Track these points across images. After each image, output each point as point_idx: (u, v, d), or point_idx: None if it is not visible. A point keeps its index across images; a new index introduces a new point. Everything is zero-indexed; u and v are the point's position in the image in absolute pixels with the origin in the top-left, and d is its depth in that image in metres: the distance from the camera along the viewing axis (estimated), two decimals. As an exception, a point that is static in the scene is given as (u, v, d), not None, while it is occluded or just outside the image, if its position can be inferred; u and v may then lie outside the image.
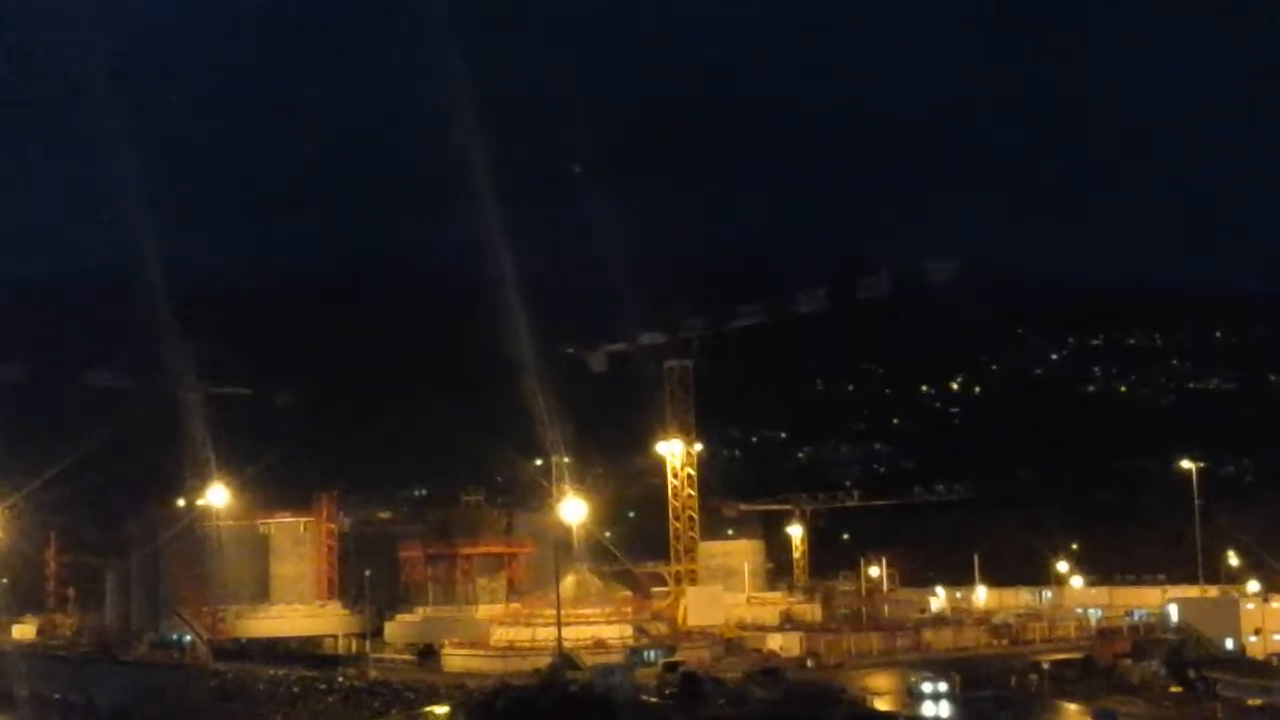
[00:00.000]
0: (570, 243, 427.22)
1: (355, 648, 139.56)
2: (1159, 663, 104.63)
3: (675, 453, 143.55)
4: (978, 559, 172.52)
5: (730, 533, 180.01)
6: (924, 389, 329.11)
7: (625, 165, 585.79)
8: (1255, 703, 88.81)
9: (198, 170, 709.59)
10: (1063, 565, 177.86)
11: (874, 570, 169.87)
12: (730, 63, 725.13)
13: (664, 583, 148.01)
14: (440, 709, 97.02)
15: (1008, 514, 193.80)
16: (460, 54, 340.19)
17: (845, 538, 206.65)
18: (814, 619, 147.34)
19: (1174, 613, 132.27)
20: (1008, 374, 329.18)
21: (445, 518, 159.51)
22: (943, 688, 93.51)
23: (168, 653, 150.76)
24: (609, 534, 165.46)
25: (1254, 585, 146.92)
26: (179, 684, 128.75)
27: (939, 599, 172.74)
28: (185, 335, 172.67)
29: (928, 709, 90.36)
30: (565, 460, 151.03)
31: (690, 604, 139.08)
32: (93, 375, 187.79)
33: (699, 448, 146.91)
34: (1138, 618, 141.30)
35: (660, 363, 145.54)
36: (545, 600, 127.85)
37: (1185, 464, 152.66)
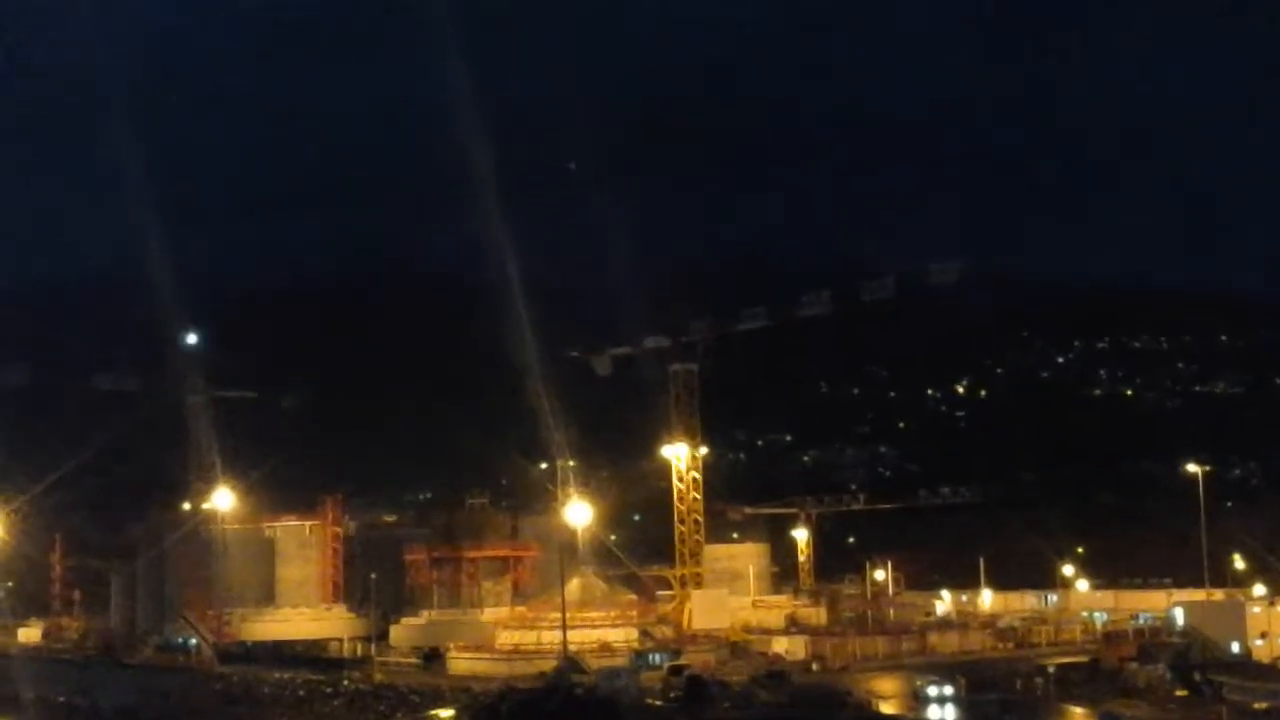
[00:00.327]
0: (574, 245, 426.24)
1: (360, 651, 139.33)
2: (1165, 666, 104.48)
3: (680, 456, 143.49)
4: (983, 562, 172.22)
5: (735, 536, 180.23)
6: (929, 392, 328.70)
7: (628, 167, 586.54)
8: (1261, 706, 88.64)
9: (201, 172, 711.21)
10: (1068, 568, 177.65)
11: (879, 573, 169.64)
12: (733, 64, 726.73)
13: (669, 586, 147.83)
14: (445, 712, 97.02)
15: (1013, 517, 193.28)
16: (462, 54, 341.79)
17: (850, 541, 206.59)
18: (819, 622, 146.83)
19: (1180, 616, 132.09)
20: (1013, 377, 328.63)
21: (450, 521, 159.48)
22: (948, 691, 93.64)
23: (173, 656, 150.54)
24: (614, 537, 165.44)
25: (1260, 589, 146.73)
26: (184, 687, 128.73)
27: (944, 602, 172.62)
28: (190, 338, 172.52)
29: (933, 712, 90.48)
30: (570, 463, 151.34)
31: (695, 607, 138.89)
32: (97, 378, 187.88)
33: (704, 451, 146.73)
34: (1143, 621, 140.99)
35: (665, 366, 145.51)
36: (550, 603, 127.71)
37: (1191, 467, 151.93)
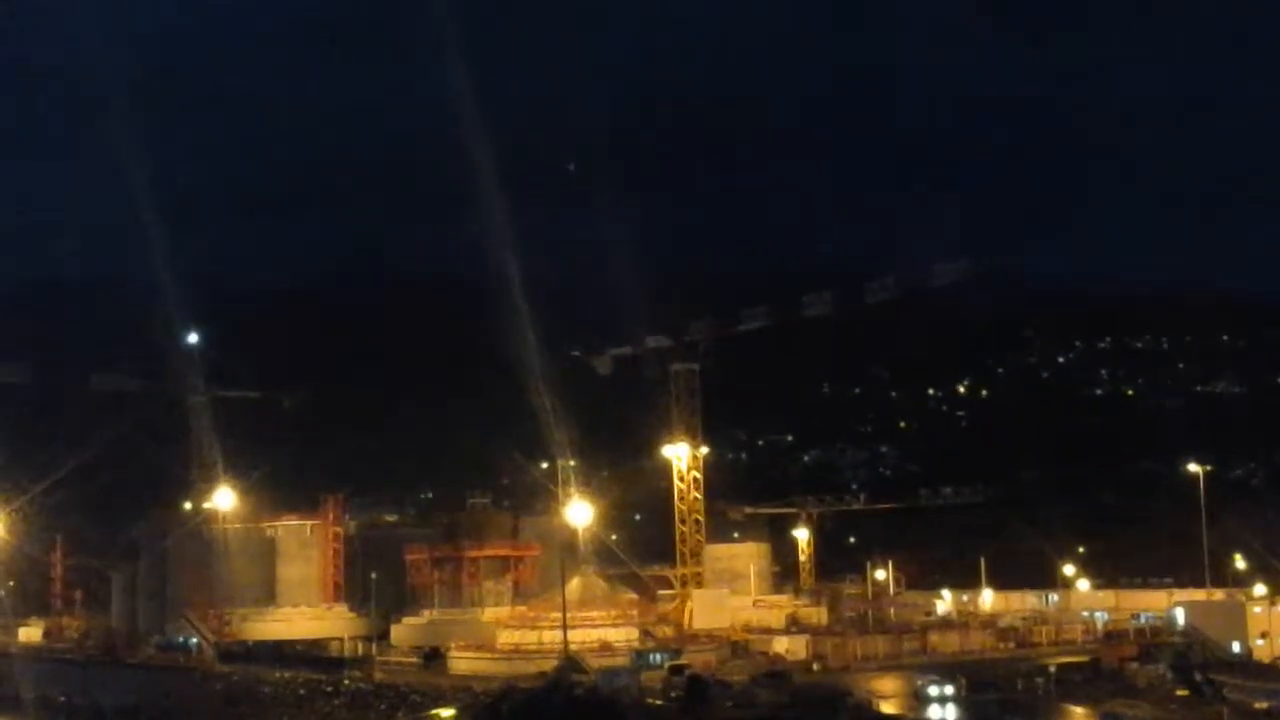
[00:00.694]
0: (576, 245, 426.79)
1: (361, 650, 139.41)
2: (1165, 666, 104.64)
3: (681, 456, 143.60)
4: (984, 562, 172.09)
5: (736, 536, 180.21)
6: (930, 392, 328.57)
7: (630, 167, 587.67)
8: (1261, 706, 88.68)
9: (202, 172, 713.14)
10: (1069, 568, 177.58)
11: (880, 573, 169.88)
12: (735, 64, 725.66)
13: (670, 586, 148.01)
14: (446, 712, 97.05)
15: (1014, 517, 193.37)
16: (463, 54, 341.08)
17: (851, 541, 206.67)
18: (820, 622, 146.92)
19: (1180, 616, 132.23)
20: (1014, 377, 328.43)
21: (451, 520, 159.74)
22: (949, 691, 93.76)
23: (174, 655, 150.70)
24: (615, 537, 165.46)
25: (1260, 588, 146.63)
26: (185, 687, 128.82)
27: (945, 602, 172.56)
28: (191, 337, 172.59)
29: (934, 712, 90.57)
30: (571, 463, 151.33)
31: (696, 607, 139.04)
32: (98, 378, 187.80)
33: (705, 451, 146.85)
34: (1144, 621, 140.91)
35: (666, 366, 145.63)
36: (551, 603, 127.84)
37: (1192, 467, 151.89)
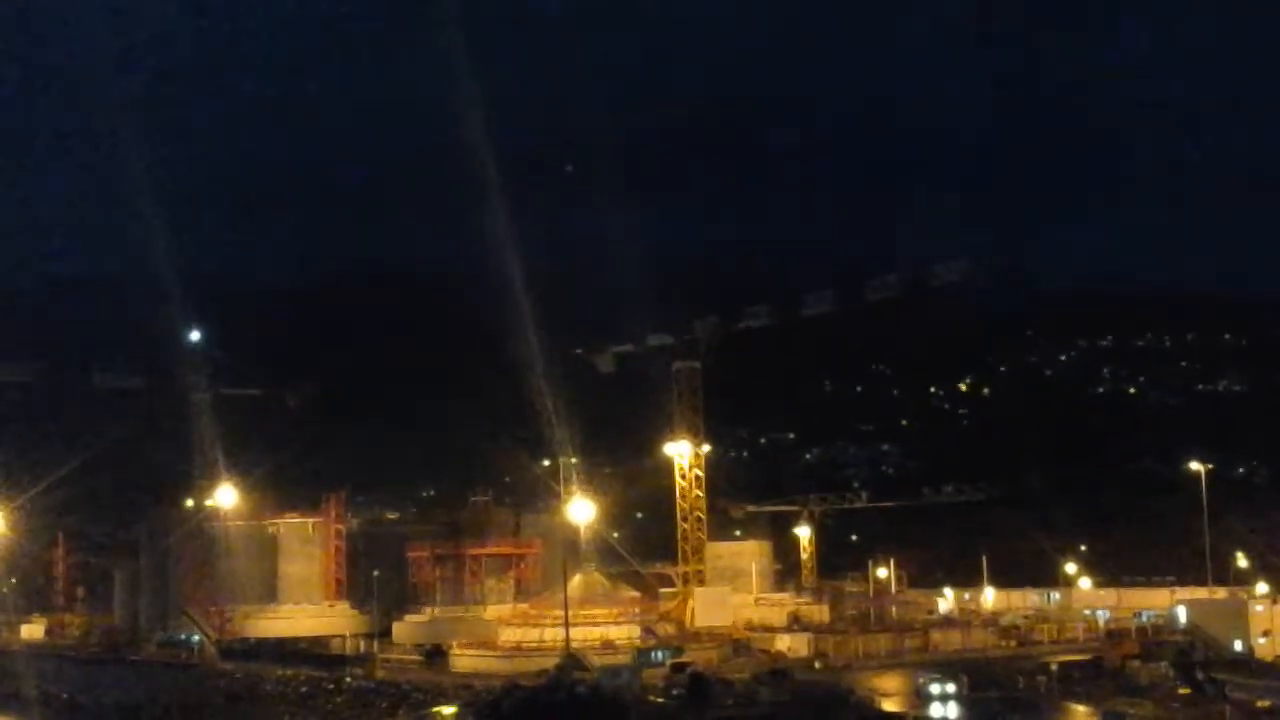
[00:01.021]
0: (578, 243, 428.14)
1: (363, 648, 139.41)
2: (1167, 664, 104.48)
3: (683, 454, 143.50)
4: (986, 560, 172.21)
5: (738, 534, 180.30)
6: (932, 390, 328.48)
7: (633, 165, 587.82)
8: (1264, 704, 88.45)
9: (206, 171, 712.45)
10: (1071, 566, 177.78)
11: (882, 571, 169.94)
12: (738, 63, 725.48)
13: (672, 583, 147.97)
14: (448, 709, 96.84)
15: (1016, 515, 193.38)
16: (465, 54, 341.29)
17: (853, 539, 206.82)
18: (822, 620, 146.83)
19: (1183, 614, 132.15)
20: (1016, 375, 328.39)
21: (453, 518, 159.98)
22: (951, 689, 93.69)
23: (176, 653, 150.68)
24: (617, 535, 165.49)
25: (1263, 587, 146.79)
26: (187, 684, 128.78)
27: (947, 600, 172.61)
28: (193, 335, 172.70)
29: (936, 710, 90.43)
30: (573, 461, 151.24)
31: (698, 605, 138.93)
32: (101, 375, 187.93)
33: (707, 449, 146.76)
34: (1146, 619, 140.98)
35: (668, 364, 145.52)
36: (553, 601, 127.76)
37: (1194, 465, 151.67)
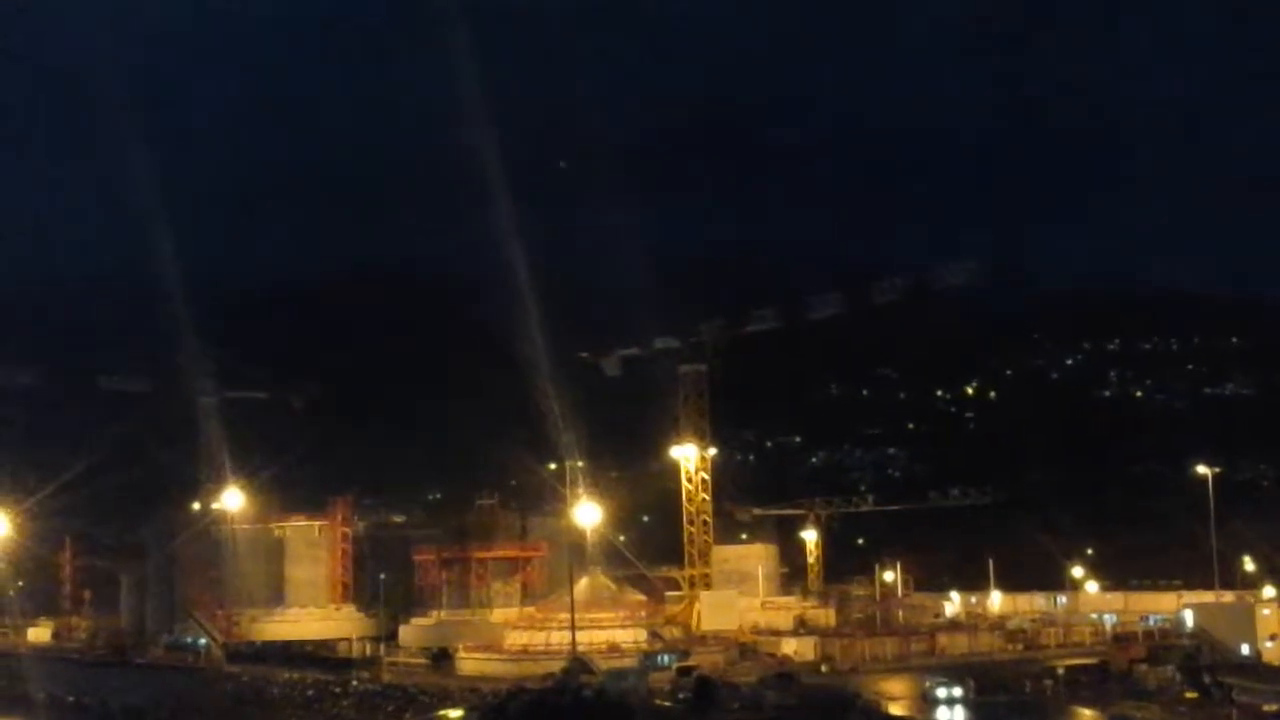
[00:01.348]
0: (584, 246, 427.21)
1: (369, 651, 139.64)
2: (1174, 668, 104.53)
3: (689, 457, 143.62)
4: (992, 564, 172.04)
5: (744, 537, 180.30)
6: (938, 393, 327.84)
7: (638, 168, 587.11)
8: (1271, 708, 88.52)
9: (211, 172, 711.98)
10: (1078, 570, 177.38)
11: (888, 575, 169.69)
12: (743, 65, 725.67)
13: (678, 587, 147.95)
14: (454, 712, 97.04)
15: (1022, 519, 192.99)
16: (469, 55, 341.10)
17: (860, 542, 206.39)
18: (828, 623, 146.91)
19: (1189, 618, 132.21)
20: (1021, 379, 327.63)
21: (460, 521, 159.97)
22: (957, 693, 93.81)
23: (182, 656, 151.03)
24: (623, 538, 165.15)
25: (1270, 590, 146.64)
26: (193, 687, 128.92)
27: (953, 604, 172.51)
28: (200, 338, 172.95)
29: (942, 714, 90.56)
30: (579, 464, 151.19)
31: (704, 608, 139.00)
32: (107, 379, 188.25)
33: (713, 452, 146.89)
34: (1153, 623, 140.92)
35: (674, 367, 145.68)
36: (559, 604, 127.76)
37: (1201, 469, 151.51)
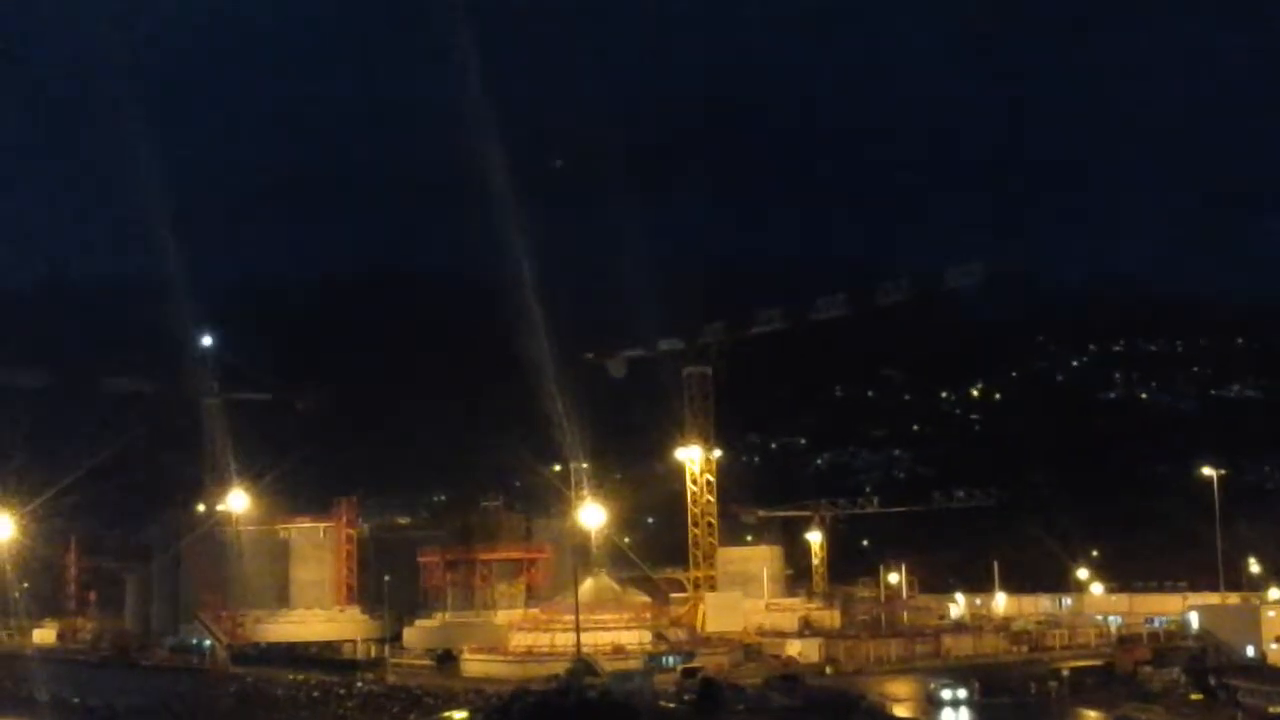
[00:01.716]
0: (589, 248, 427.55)
1: (374, 653, 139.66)
2: (1179, 670, 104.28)
3: (694, 459, 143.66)
4: (997, 565, 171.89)
5: (749, 539, 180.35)
6: (944, 395, 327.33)
7: (643, 170, 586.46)
8: (1276, 710, 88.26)
9: (211, 175, 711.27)
10: (1083, 572, 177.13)
11: (893, 577, 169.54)
12: (746, 67, 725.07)
13: (683, 588, 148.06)
14: (459, 714, 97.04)
15: (1028, 520, 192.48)
16: (473, 56, 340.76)
17: (865, 544, 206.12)
18: (833, 625, 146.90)
19: (1195, 620, 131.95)
20: (1028, 380, 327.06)
21: (464, 523, 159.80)
22: (962, 694, 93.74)
23: (187, 657, 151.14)
24: (628, 540, 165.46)
25: (1275, 592, 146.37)
26: (198, 689, 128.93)
27: (958, 605, 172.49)
28: (204, 340, 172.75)
29: (947, 716, 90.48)
30: (584, 466, 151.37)
31: (709, 610, 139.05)
32: (112, 381, 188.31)
33: (718, 454, 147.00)
34: (1158, 625, 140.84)
35: (679, 369, 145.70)
36: (564, 606, 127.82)
37: (1206, 471, 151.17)
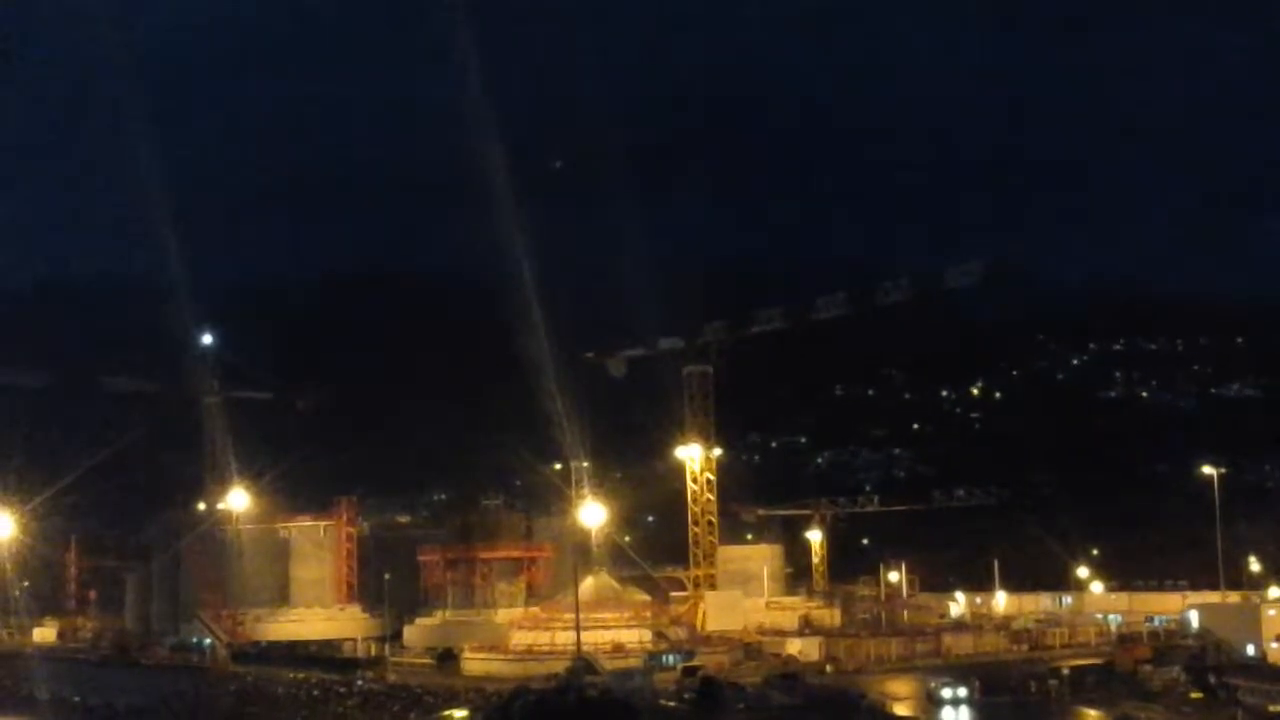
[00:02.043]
0: (589, 247, 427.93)
1: (374, 651, 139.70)
2: (1179, 669, 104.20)
3: (695, 457, 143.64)
4: (997, 564, 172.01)
5: (749, 537, 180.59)
6: (944, 394, 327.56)
7: (644, 170, 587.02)
8: (1276, 709, 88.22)
9: (212, 174, 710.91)
10: (1083, 571, 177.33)
11: (893, 575, 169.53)
12: (746, 67, 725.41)
13: (683, 587, 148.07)
14: (459, 712, 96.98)
15: (1028, 519, 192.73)
16: (473, 56, 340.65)
17: (865, 543, 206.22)
18: (833, 624, 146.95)
19: (1195, 619, 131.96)
20: (1028, 379, 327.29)
21: (465, 522, 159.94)
22: (962, 693, 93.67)
23: (187, 656, 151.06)
24: (628, 538, 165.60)
25: (1275, 591, 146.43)
26: (198, 687, 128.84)
27: (959, 604, 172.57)
28: (204, 339, 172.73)
29: (947, 715, 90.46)
30: (584, 465, 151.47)
31: (709, 608, 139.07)
32: (112, 380, 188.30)
33: (718, 452, 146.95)
34: (1158, 623, 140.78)
35: (679, 368, 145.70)
36: (564, 604, 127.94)
37: (1206, 469, 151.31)
